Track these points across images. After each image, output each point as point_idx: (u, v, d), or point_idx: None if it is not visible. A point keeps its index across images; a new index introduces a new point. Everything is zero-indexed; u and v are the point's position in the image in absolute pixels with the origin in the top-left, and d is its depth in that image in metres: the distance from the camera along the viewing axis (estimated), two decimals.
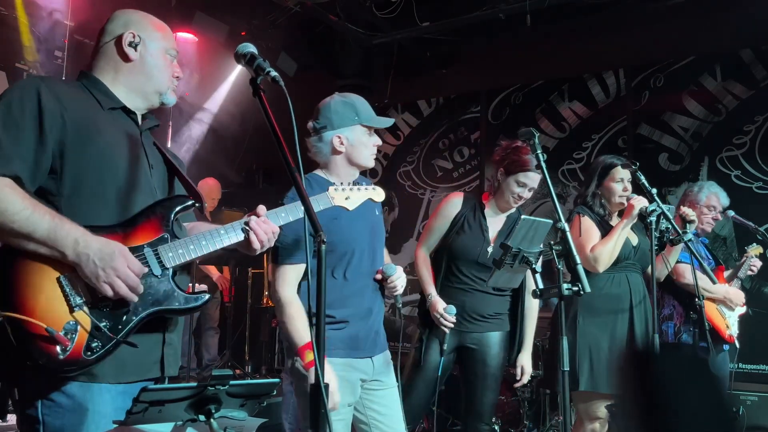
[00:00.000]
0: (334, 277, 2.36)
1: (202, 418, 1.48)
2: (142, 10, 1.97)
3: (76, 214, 1.63)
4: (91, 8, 5.68)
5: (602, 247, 3.18)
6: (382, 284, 2.48)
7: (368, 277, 2.45)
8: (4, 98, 1.64)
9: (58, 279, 1.59)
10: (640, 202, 3.18)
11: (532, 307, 3.30)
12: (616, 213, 3.39)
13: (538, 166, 2.82)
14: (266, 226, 1.82)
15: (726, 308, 3.78)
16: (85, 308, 1.59)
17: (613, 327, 3.20)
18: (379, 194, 2.21)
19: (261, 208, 1.86)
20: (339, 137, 2.45)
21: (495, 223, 3.30)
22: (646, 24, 5.88)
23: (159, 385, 1.55)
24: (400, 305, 2.52)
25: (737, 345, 3.81)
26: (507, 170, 3.22)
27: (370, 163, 2.52)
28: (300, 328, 2.26)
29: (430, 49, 6.88)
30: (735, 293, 3.79)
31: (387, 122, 2.62)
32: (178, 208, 1.78)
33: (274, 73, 1.60)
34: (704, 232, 3.96)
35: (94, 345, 1.58)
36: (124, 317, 1.63)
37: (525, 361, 3.29)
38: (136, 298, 1.63)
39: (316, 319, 1.43)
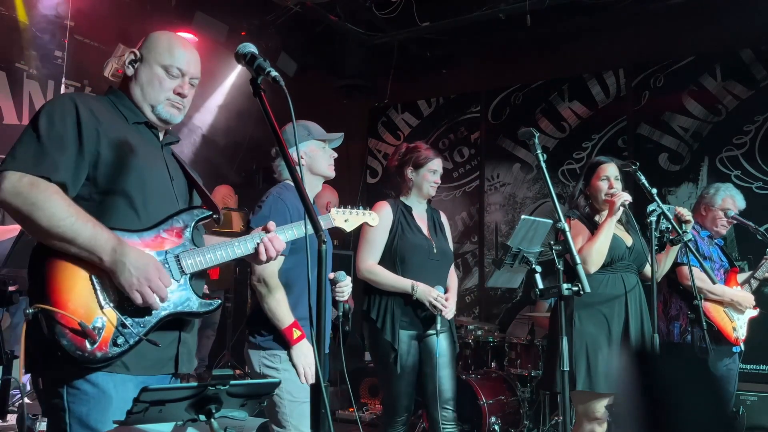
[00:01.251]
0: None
1: (202, 418, 1.48)
2: (143, 11, 2.01)
3: (105, 218, 1.76)
4: (91, 8, 5.69)
5: (589, 247, 3.17)
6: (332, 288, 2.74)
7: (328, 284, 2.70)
8: (45, 111, 1.79)
9: (90, 278, 1.72)
10: (621, 197, 3.19)
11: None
12: (605, 212, 3.38)
13: (437, 153, 3.47)
14: (277, 243, 2.00)
15: (734, 311, 3.78)
16: (113, 306, 1.73)
17: (610, 327, 3.20)
18: (374, 219, 2.58)
19: (271, 224, 2.03)
20: (289, 153, 2.71)
21: (420, 220, 3.46)
22: (646, 24, 5.88)
23: (159, 385, 1.55)
24: (341, 312, 2.78)
25: (742, 347, 3.81)
26: (415, 166, 3.43)
27: (330, 173, 2.83)
28: (285, 310, 2.53)
29: (430, 49, 6.88)
30: (743, 296, 3.78)
31: (335, 136, 2.88)
32: (198, 218, 1.94)
33: (274, 73, 1.61)
34: (718, 235, 3.95)
35: (119, 340, 1.71)
36: (146, 317, 1.77)
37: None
38: (160, 306, 1.77)
39: (316, 318, 1.43)
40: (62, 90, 5.96)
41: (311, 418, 1.44)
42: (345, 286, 2.70)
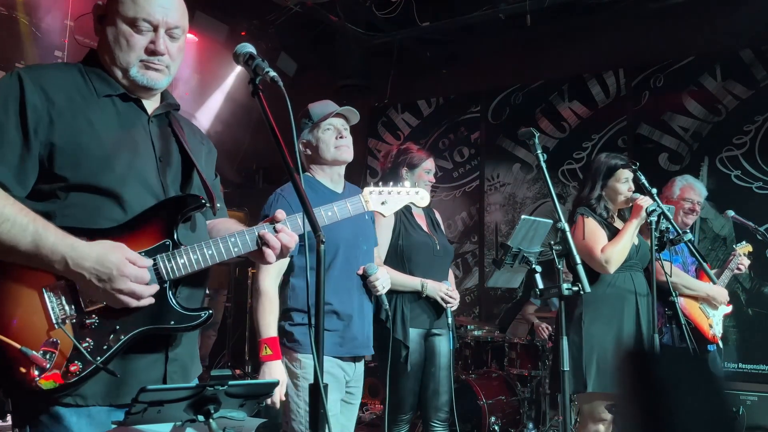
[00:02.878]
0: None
1: (201, 418, 1.47)
2: None
3: (72, 218, 1.49)
4: (91, 8, 5.69)
5: (612, 247, 3.17)
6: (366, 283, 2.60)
7: (354, 278, 2.57)
8: None
9: (41, 292, 1.44)
10: (647, 202, 3.20)
11: None
12: (617, 214, 3.39)
13: (429, 154, 3.40)
14: (285, 236, 1.61)
15: (709, 307, 3.76)
16: (67, 325, 1.44)
17: (620, 326, 3.19)
18: (422, 198, 2.06)
19: (280, 213, 1.64)
20: (302, 143, 2.63)
21: (420, 218, 3.46)
22: (646, 24, 5.88)
23: (158, 385, 1.54)
24: (387, 307, 2.67)
25: (721, 345, 3.79)
26: (410, 166, 3.42)
27: (339, 155, 2.58)
28: (269, 323, 2.37)
29: (430, 49, 6.88)
30: (718, 291, 3.77)
31: (332, 110, 2.56)
32: (185, 210, 1.58)
33: (272, 74, 1.58)
34: (685, 226, 3.91)
35: (73, 368, 1.42)
36: (111, 336, 1.46)
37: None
38: (152, 301, 1.49)
39: (315, 318, 1.42)
40: None
41: (311, 418, 1.43)
42: (376, 280, 2.56)
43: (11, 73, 1.52)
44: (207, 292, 1.78)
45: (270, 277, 2.43)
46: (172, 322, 1.54)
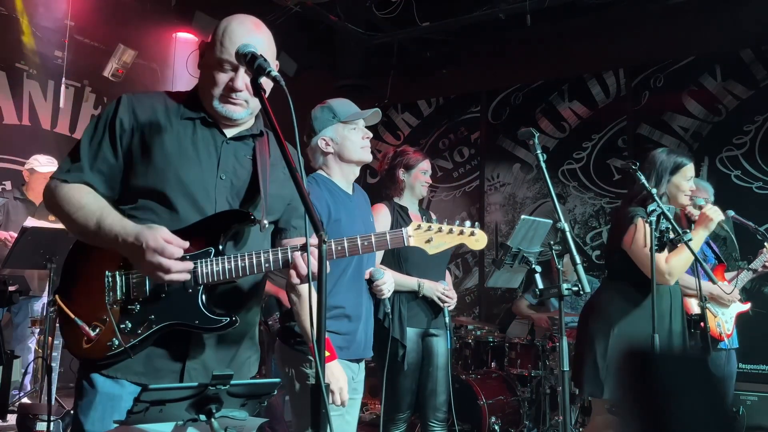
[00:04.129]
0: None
1: (203, 417, 1.48)
2: (142, 10, 1.95)
3: (135, 220, 1.71)
4: (91, 8, 5.69)
5: (676, 259, 3.04)
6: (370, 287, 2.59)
7: (363, 282, 2.57)
8: (98, 115, 1.83)
9: (105, 276, 1.71)
10: (718, 214, 3.12)
11: None
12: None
13: (425, 155, 3.43)
14: (313, 260, 1.62)
15: (717, 305, 3.76)
16: (115, 307, 1.69)
17: (656, 336, 3.11)
18: (479, 240, 1.86)
19: (314, 238, 1.66)
20: (323, 139, 2.54)
21: (416, 219, 3.47)
22: (646, 24, 5.88)
23: (159, 385, 1.55)
24: (388, 310, 2.70)
25: (736, 343, 3.79)
26: (406, 167, 3.47)
27: (365, 156, 2.53)
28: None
29: (430, 49, 6.89)
30: (722, 290, 3.75)
31: (366, 113, 2.53)
32: (232, 223, 1.76)
33: (274, 73, 1.59)
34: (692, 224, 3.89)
35: (109, 344, 1.68)
36: (145, 323, 1.69)
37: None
38: (187, 276, 1.66)
39: (317, 319, 1.43)
40: (62, 90, 5.97)
41: (311, 418, 1.44)
42: (384, 284, 2.55)
43: (119, 97, 1.83)
44: (252, 303, 1.90)
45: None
46: (196, 322, 1.71)
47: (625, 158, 5.85)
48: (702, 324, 3.56)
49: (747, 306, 3.88)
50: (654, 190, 3.16)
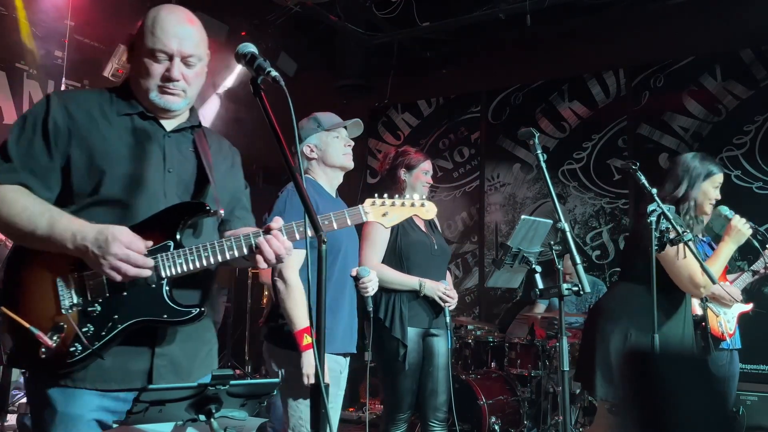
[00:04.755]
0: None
1: (202, 417, 1.48)
2: (143, 11, 1.92)
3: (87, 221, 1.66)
4: (91, 8, 5.69)
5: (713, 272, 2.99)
6: (356, 284, 2.69)
7: (346, 278, 2.66)
8: (24, 115, 1.73)
9: (54, 281, 1.62)
10: (744, 225, 3.17)
11: None
12: (702, 218, 3.30)
13: (427, 156, 3.50)
14: (277, 243, 1.70)
15: (719, 305, 3.76)
16: (72, 312, 1.61)
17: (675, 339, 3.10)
18: (428, 211, 1.99)
19: (276, 222, 1.75)
20: (308, 146, 2.74)
21: (417, 219, 3.47)
22: (646, 24, 5.88)
23: (160, 385, 1.55)
24: (370, 308, 2.75)
25: (738, 344, 3.79)
26: (408, 167, 3.49)
27: (346, 162, 2.72)
28: (302, 313, 2.42)
29: (430, 49, 6.89)
30: (725, 290, 3.76)
31: (347, 122, 2.75)
32: (189, 215, 1.73)
33: (274, 73, 1.60)
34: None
35: (72, 350, 1.59)
36: (109, 324, 1.62)
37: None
38: (149, 273, 1.62)
39: (317, 317, 1.43)
40: (62, 90, 5.97)
41: (311, 418, 1.44)
42: (368, 282, 2.67)
43: (44, 98, 1.75)
44: (212, 293, 1.88)
45: (294, 269, 2.46)
46: (165, 316, 1.66)
47: (625, 158, 5.86)
48: (703, 324, 3.58)
49: (749, 306, 3.88)
50: (654, 191, 3.16)
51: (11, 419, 4.07)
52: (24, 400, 4.63)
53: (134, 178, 1.71)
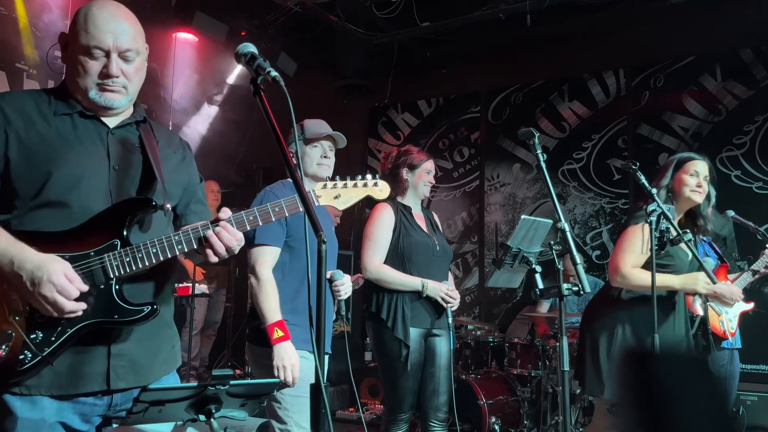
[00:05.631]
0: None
1: (202, 417, 1.48)
2: (140, 10, 1.91)
3: (31, 225, 1.62)
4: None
5: (642, 276, 3.09)
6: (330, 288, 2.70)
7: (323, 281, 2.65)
8: None
9: (1, 288, 1.58)
10: (706, 289, 3.23)
11: None
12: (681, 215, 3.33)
13: (429, 156, 3.51)
14: (227, 235, 1.68)
15: (720, 304, 3.76)
16: (18, 318, 1.57)
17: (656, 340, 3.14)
18: (381, 190, 1.98)
19: (224, 212, 1.73)
20: (290, 152, 2.68)
21: (419, 218, 3.50)
22: (646, 24, 5.88)
23: (159, 385, 1.55)
24: (343, 312, 2.77)
25: (739, 343, 3.79)
26: (410, 167, 3.50)
27: (319, 172, 2.75)
28: (273, 307, 2.49)
29: (430, 49, 6.88)
30: (726, 289, 3.75)
31: (325, 133, 2.79)
32: (134, 211, 1.70)
33: (274, 73, 1.60)
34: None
35: (21, 357, 1.55)
36: (59, 329, 1.58)
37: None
38: (80, 314, 1.59)
39: (316, 318, 1.43)
40: None
41: (311, 418, 1.44)
42: (341, 285, 2.68)
43: None
44: (166, 288, 1.84)
45: (268, 266, 2.55)
46: (116, 316, 1.63)
47: (625, 158, 5.85)
48: (703, 324, 3.58)
49: (750, 305, 3.88)
50: (654, 191, 3.16)
51: None
52: None
53: (78, 178, 1.67)
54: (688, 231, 3.31)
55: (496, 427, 4.47)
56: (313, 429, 1.41)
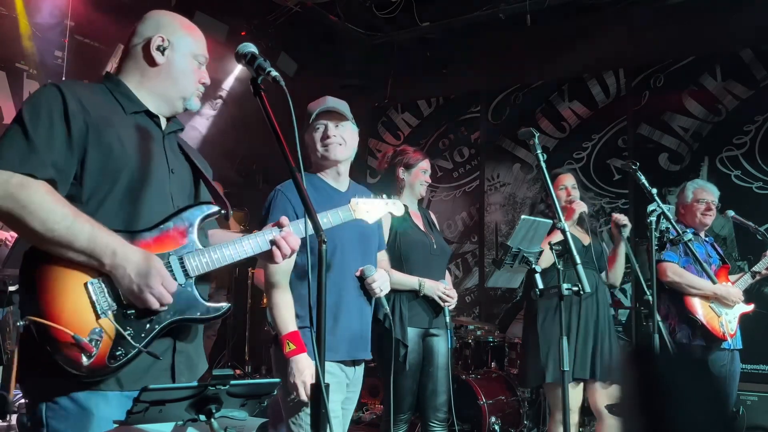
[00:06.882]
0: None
1: (202, 417, 1.48)
2: (142, 11, 1.92)
3: (96, 220, 1.61)
4: (91, 8, 5.69)
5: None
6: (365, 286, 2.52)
7: (350, 279, 2.49)
8: (31, 104, 1.62)
9: (85, 285, 1.57)
10: (580, 208, 3.55)
11: None
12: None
13: (425, 155, 3.55)
14: (292, 240, 1.80)
15: (721, 305, 3.77)
16: (111, 315, 1.58)
17: (567, 319, 3.34)
18: (398, 208, 2.30)
19: (284, 220, 1.84)
20: (305, 142, 2.62)
21: (416, 217, 3.48)
22: (646, 24, 5.88)
23: (159, 385, 1.54)
24: (387, 310, 2.59)
25: (739, 344, 3.79)
26: (406, 166, 3.50)
27: (326, 153, 2.49)
28: (285, 317, 2.34)
29: (430, 49, 6.89)
30: (726, 290, 3.77)
31: (314, 111, 2.53)
32: (203, 216, 1.76)
33: (274, 73, 1.60)
34: (704, 226, 3.93)
35: (117, 353, 1.57)
36: (148, 325, 1.62)
37: None
38: (162, 311, 1.64)
39: (317, 319, 1.43)
40: None
41: (311, 417, 1.44)
42: (373, 282, 2.46)
43: (48, 86, 1.66)
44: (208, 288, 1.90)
45: (279, 273, 2.39)
46: (198, 314, 1.70)
47: (625, 158, 5.85)
48: (701, 324, 3.60)
49: (751, 307, 3.88)
50: (654, 191, 3.18)
51: (12, 419, 4.07)
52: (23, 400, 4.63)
53: (145, 180, 1.70)
54: (687, 231, 3.32)
55: (496, 427, 4.47)
56: (313, 429, 1.41)
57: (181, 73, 1.82)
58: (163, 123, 1.86)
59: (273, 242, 1.78)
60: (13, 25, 5.68)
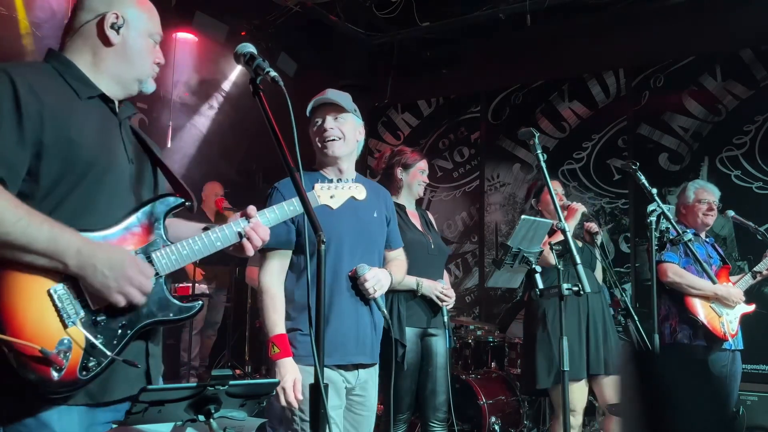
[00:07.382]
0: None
1: (201, 418, 1.47)
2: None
3: (54, 218, 1.47)
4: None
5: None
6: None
7: (342, 280, 2.39)
8: None
9: (48, 292, 1.43)
10: (581, 208, 3.66)
11: None
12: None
13: (423, 155, 3.57)
14: (261, 230, 1.72)
15: (722, 306, 3.77)
16: (79, 323, 1.45)
17: (578, 319, 3.48)
18: (360, 192, 2.11)
19: (251, 209, 1.74)
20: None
21: (414, 217, 3.50)
22: (646, 24, 5.87)
23: (159, 385, 1.55)
24: (384, 310, 2.47)
25: (741, 344, 3.79)
26: (404, 166, 3.49)
27: (325, 150, 2.43)
28: (275, 320, 2.29)
29: (430, 49, 6.88)
30: (727, 291, 3.77)
31: (315, 103, 2.51)
32: (168, 209, 1.64)
33: (273, 73, 1.60)
34: (706, 226, 3.94)
35: (90, 364, 1.45)
36: (119, 331, 1.50)
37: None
38: (139, 307, 1.53)
39: (315, 319, 1.42)
40: None
41: (311, 418, 1.44)
42: (365, 282, 2.35)
43: (4, 77, 1.47)
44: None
45: (272, 274, 2.34)
46: (171, 315, 1.60)
47: (625, 158, 5.85)
48: (701, 324, 3.60)
49: (752, 307, 3.88)
50: (654, 191, 3.18)
51: None
52: None
53: (106, 173, 1.56)
54: (687, 231, 3.33)
55: (496, 427, 4.46)
56: (313, 429, 1.41)
57: (137, 54, 1.68)
58: (117, 108, 1.70)
59: (242, 234, 1.69)
60: (13, 25, 5.68)
